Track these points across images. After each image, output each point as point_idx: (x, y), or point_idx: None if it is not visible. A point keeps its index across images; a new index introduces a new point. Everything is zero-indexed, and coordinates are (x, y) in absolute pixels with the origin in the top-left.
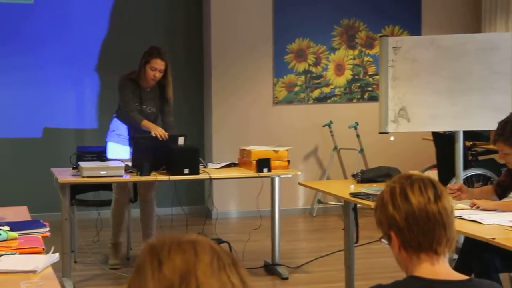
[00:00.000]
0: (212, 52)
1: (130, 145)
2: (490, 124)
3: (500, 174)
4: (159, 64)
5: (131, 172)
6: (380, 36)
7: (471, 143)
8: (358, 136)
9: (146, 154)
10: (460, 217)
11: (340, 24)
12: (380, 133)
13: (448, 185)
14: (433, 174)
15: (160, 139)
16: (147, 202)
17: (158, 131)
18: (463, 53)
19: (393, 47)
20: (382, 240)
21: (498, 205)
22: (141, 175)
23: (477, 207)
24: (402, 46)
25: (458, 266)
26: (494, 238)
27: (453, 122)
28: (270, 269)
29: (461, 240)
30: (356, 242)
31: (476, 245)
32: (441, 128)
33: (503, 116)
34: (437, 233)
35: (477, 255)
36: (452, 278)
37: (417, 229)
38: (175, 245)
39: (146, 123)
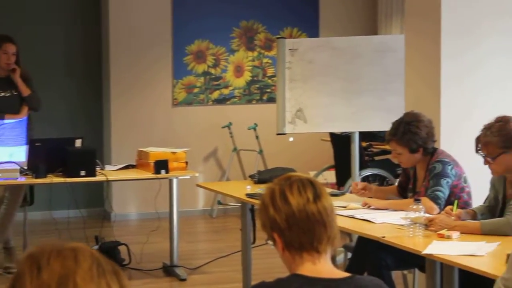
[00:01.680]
0: (111, 52)
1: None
2: (385, 124)
3: (395, 174)
4: (10, 47)
5: (26, 174)
6: (277, 38)
7: (367, 143)
8: (257, 137)
9: (42, 156)
10: (352, 217)
11: (239, 25)
12: (277, 134)
13: (353, 183)
14: (331, 175)
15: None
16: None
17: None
18: (358, 55)
19: (290, 49)
20: (268, 241)
21: (389, 204)
22: (36, 177)
23: (369, 206)
24: (298, 48)
25: (351, 265)
26: (384, 237)
27: (348, 123)
28: (168, 270)
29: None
30: (253, 242)
31: (368, 244)
32: (337, 129)
33: (397, 116)
34: (317, 233)
35: (369, 253)
36: (334, 276)
37: (298, 230)
38: (55, 253)
39: None
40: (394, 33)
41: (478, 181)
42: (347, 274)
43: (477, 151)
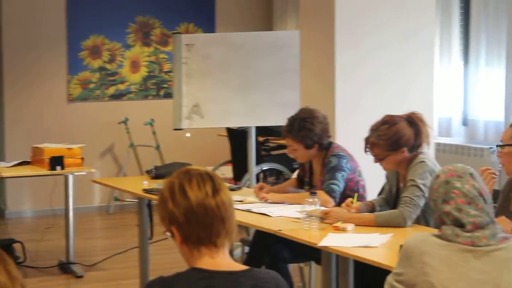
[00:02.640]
0: (4, 48)
1: None
2: (281, 119)
3: (292, 168)
4: None
5: None
6: (173, 33)
7: (264, 138)
8: (154, 132)
9: None
10: (249, 210)
11: (135, 21)
12: (174, 129)
13: (255, 186)
14: (228, 170)
15: None
16: None
17: None
18: (254, 51)
19: (186, 44)
20: (167, 233)
21: (286, 198)
22: None
23: (266, 200)
24: (195, 43)
25: (248, 259)
26: (281, 230)
27: (245, 118)
28: (64, 268)
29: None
30: (151, 238)
31: (265, 237)
32: (234, 124)
33: (293, 111)
34: (215, 227)
35: (267, 247)
36: (233, 269)
37: (196, 224)
38: None
39: None
40: (289, 29)
41: (373, 174)
42: (245, 267)
43: (366, 151)
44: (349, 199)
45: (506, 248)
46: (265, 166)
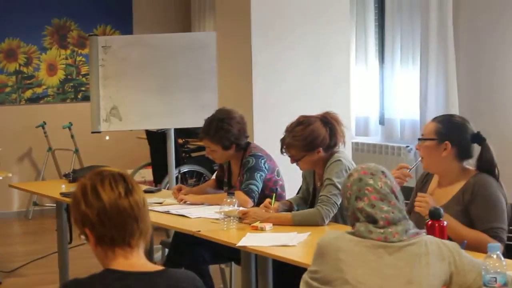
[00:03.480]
0: None
1: None
2: (199, 121)
3: (212, 170)
4: None
5: None
6: (90, 35)
7: (183, 140)
8: (72, 136)
9: None
10: (168, 212)
11: (51, 23)
12: (92, 132)
13: (174, 188)
14: (148, 172)
15: None
16: None
17: None
18: (171, 52)
19: (102, 46)
20: (82, 236)
21: (204, 199)
22: None
23: (185, 202)
24: (112, 45)
25: (168, 261)
26: (199, 231)
27: (163, 120)
28: None
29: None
30: (70, 242)
31: (185, 239)
32: (152, 126)
33: (211, 113)
34: (129, 227)
35: (186, 249)
36: (147, 269)
37: (110, 225)
38: None
39: None
40: (208, 31)
41: (291, 174)
42: (161, 268)
43: (282, 152)
44: (268, 200)
45: (417, 243)
46: (185, 168)
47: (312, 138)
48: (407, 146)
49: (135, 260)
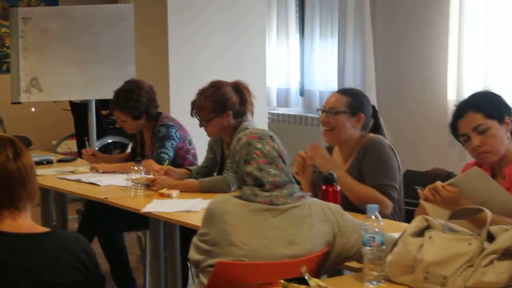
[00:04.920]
0: None
1: None
2: None
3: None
4: None
5: None
6: (10, 7)
7: (107, 111)
8: None
9: None
10: (79, 180)
11: None
12: (12, 103)
13: (83, 150)
14: (73, 143)
15: None
16: None
17: None
18: (92, 24)
19: (22, 18)
20: None
21: (115, 167)
22: None
23: (97, 170)
24: (32, 17)
25: (81, 229)
26: (107, 198)
27: (84, 91)
28: None
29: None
30: None
31: (97, 207)
32: (73, 97)
33: None
34: (17, 190)
35: (99, 217)
36: (35, 231)
37: None
38: None
39: None
40: (128, 3)
41: (204, 144)
42: (47, 229)
43: (192, 114)
44: (159, 166)
45: (302, 206)
46: (109, 139)
47: (223, 100)
48: (318, 109)
49: (22, 222)
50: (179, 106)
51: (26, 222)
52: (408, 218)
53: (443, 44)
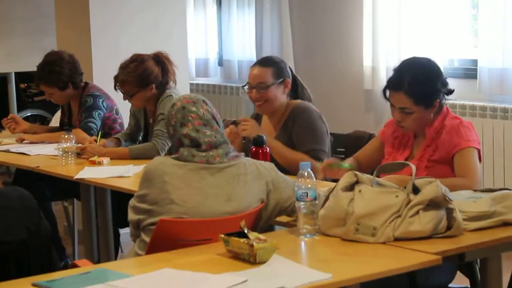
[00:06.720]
0: None
1: None
2: None
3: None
4: None
5: None
6: None
7: (25, 85)
8: None
9: None
10: (8, 151)
11: None
12: None
13: (2, 120)
14: None
15: None
16: None
17: None
18: None
19: None
20: None
21: (43, 138)
22: None
23: (23, 141)
24: None
25: None
26: (38, 166)
27: (2, 65)
28: None
29: None
30: None
31: (26, 176)
32: None
33: None
34: None
35: (28, 185)
36: None
37: None
38: None
39: None
40: None
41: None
42: None
43: (115, 88)
44: (93, 138)
45: (236, 165)
46: (28, 112)
47: (145, 74)
48: (244, 86)
49: None
50: (102, 77)
51: None
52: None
53: (358, 11)
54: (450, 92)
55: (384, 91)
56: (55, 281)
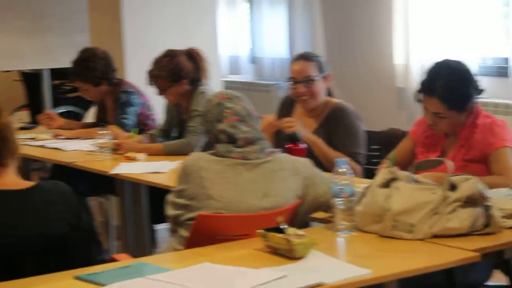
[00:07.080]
0: None
1: None
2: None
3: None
4: None
5: None
6: None
7: (59, 81)
8: None
9: None
10: (43, 146)
11: None
12: None
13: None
14: (25, 114)
15: None
16: None
17: None
18: None
19: None
20: None
21: (79, 133)
22: None
23: (59, 137)
24: None
25: None
26: (74, 162)
27: (36, 61)
28: None
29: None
30: None
31: (61, 172)
32: (24, 67)
33: None
34: (1, 148)
35: (63, 181)
36: (20, 186)
37: None
38: None
39: None
40: None
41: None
42: (32, 183)
43: (149, 83)
44: (127, 134)
45: (273, 161)
46: (62, 109)
47: (178, 69)
48: (277, 84)
49: (8, 178)
50: (134, 74)
51: (12, 178)
52: (369, 175)
53: (389, 8)
54: (481, 92)
55: (416, 94)
56: (96, 274)
